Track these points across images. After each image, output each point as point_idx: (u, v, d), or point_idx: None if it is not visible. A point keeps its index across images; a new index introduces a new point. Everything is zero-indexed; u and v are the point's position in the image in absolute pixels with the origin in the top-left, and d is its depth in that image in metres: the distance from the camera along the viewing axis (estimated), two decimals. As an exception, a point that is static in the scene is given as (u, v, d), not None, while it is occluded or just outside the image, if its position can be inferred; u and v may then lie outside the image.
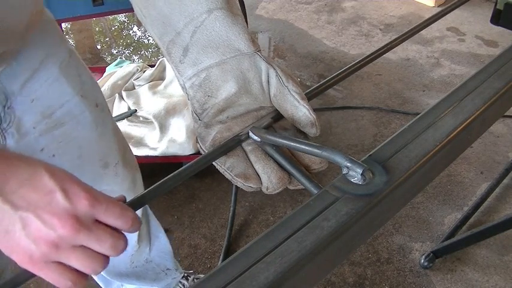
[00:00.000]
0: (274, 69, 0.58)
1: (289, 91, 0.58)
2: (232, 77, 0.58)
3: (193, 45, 0.58)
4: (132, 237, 1.22)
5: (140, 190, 1.18)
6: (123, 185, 1.11)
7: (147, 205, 1.19)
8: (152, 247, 1.29)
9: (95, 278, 1.30)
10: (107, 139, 1.03)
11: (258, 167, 0.56)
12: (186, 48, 0.59)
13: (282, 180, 0.56)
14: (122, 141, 1.12)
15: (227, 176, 0.57)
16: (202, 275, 1.57)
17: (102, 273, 1.24)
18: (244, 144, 0.58)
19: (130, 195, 1.19)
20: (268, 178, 0.56)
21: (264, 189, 0.56)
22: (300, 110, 0.58)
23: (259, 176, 0.56)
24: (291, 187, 0.58)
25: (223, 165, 0.56)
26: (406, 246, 1.73)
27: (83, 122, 0.95)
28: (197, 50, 0.58)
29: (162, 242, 1.31)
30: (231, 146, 0.57)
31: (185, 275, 1.50)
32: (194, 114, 0.61)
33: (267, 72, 0.58)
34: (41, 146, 0.90)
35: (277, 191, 0.56)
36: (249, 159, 0.57)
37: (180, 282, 1.47)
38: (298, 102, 0.57)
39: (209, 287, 0.40)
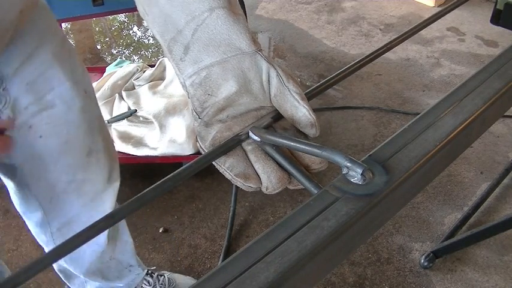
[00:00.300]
0: (275, 69, 0.58)
1: (289, 91, 0.58)
2: (233, 76, 0.58)
3: (194, 43, 0.58)
4: (102, 235, 1.22)
5: (117, 179, 1.19)
6: (102, 172, 1.13)
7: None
8: (116, 244, 1.29)
9: (58, 272, 1.31)
10: (93, 126, 1.06)
11: (258, 166, 0.56)
12: (187, 47, 0.59)
13: (281, 180, 0.56)
14: (105, 131, 1.15)
15: (227, 175, 0.57)
16: (166, 272, 1.57)
17: (69, 267, 1.25)
18: (244, 144, 0.58)
19: (107, 184, 1.20)
20: (268, 178, 0.56)
21: (263, 189, 0.56)
22: (300, 111, 0.57)
23: (259, 176, 0.56)
24: (290, 187, 0.58)
25: (223, 165, 0.56)
26: (406, 246, 1.73)
27: (72, 107, 0.98)
28: (198, 48, 0.58)
29: (125, 239, 1.32)
30: (231, 145, 0.57)
31: (149, 272, 1.51)
32: (194, 113, 0.60)
33: (267, 72, 0.58)
34: (30, 124, 0.94)
35: (276, 191, 0.56)
36: (248, 159, 0.57)
37: (145, 279, 1.47)
38: (298, 102, 0.57)
39: (209, 287, 0.40)
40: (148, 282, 1.47)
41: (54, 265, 1.29)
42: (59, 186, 1.06)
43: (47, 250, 1.23)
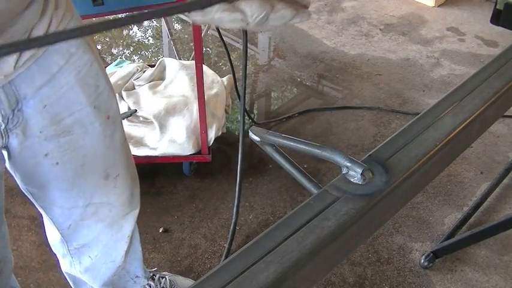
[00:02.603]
0: None
1: None
2: None
3: None
4: (120, 251, 1.22)
5: (137, 205, 1.18)
6: (121, 198, 1.11)
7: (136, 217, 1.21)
8: (129, 253, 1.28)
9: (68, 279, 1.30)
10: (112, 151, 1.03)
11: (240, 3, 0.58)
12: None
13: (262, 6, 0.58)
14: (127, 155, 1.12)
15: (215, 20, 0.58)
16: (167, 273, 1.57)
17: (85, 279, 1.24)
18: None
19: (127, 209, 1.18)
20: (250, 8, 0.58)
21: (250, 20, 0.58)
22: None
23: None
24: (272, 15, 0.59)
25: (212, 12, 0.58)
26: (406, 246, 1.73)
27: (91, 132, 0.95)
28: None
29: (135, 247, 1.31)
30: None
31: (151, 274, 1.50)
32: None
33: None
34: (46, 151, 0.90)
35: (260, 17, 0.58)
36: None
37: (147, 282, 1.47)
38: None
39: (209, 286, 0.40)
40: (150, 286, 1.47)
41: (65, 273, 1.28)
42: (75, 213, 1.04)
43: (62, 261, 1.22)
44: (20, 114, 0.83)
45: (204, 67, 1.96)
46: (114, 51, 3.01)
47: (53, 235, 1.13)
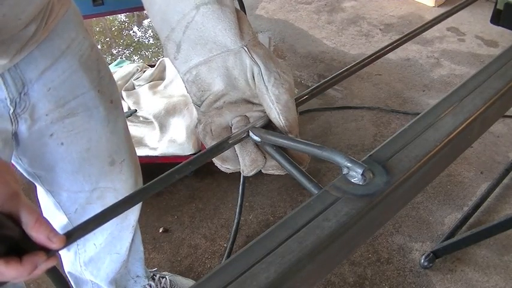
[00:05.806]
0: (258, 66, 0.59)
1: (267, 91, 0.58)
2: (218, 74, 0.59)
3: (184, 41, 0.60)
4: (127, 239, 1.22)
5: None
6: (127, 184, 1.12)
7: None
8: (130, 252, 1.29)
9: (69, 277, 1.31)
10: (117, 136, 1.04)
11: (236, 149, 0.59)
12: (178, 45, 0.60)
13: (254, 162, 0.58)
14: (130, 141, 1.14)
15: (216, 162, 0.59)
16: (167, 273, 1.57)
17: (88, 272, 1.24)
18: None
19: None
20: (243, 160, 0.58)
21: (241, 171, 0.59)
22: (272, 112, 0.58)
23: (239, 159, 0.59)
24: (263, 171, 0.60)
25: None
26: (406, 246, 1.73)
27: (96, 116, 0.97)
28: (188, 47, 0.60)
29: (137, 247, 1.32)
30: (226, 146, 0.57)
31: (151, 274, 1.50)
32: (195, 105, 0.63)
33: (251, 70, 0.59)
34: (51, 132, 0.92)
35: (251, 173, 0.58)
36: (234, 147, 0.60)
37: (148, 283, 1.47)
38: (273, 103, 0.58)
39: (210, 287, 0.40)
40: (150, 286, 1.47)
41: (68, 273, 1.28)
42: (82, 197, 1.05)
43: (66, 254, 1.22)
44: (26, 98, 0.85)
45: (204, 67, 1.95)
46: (114, 51, 3.01)
47: (58, 223, 1.14)
